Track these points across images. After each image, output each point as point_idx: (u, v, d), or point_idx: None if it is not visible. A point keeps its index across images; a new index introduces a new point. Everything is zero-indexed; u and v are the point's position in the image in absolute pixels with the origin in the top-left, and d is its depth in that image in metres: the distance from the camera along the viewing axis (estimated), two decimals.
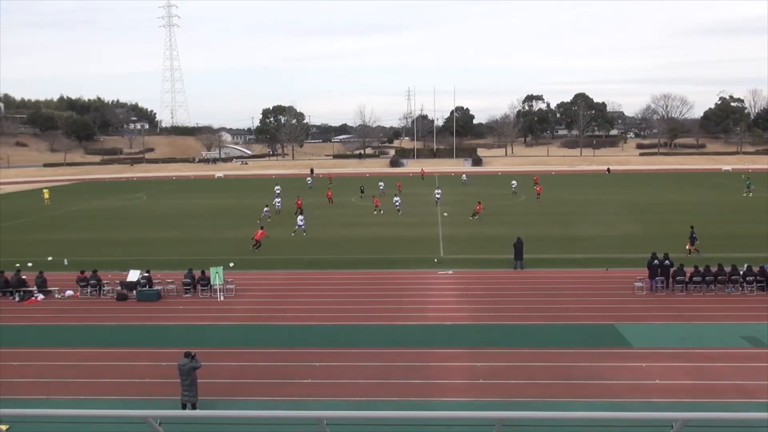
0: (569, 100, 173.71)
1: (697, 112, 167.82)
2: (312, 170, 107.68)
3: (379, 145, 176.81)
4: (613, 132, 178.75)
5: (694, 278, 26.56)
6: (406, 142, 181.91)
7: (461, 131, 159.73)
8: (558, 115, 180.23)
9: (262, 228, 40.64)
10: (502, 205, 58.72)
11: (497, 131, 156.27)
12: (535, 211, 54.55)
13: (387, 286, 28.78)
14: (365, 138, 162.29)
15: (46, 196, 71.42)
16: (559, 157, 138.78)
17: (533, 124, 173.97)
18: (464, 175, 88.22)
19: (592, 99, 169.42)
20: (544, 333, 21.85)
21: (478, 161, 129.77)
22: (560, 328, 22.38)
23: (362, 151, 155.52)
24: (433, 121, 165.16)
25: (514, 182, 71.32)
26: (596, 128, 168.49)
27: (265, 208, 52.04)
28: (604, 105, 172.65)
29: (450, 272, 31.25)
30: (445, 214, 52.94)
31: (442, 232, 43.39)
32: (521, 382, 17.66)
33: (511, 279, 29.96)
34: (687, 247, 34.00)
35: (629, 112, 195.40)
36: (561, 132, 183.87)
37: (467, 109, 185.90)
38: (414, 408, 15.53)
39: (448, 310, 24.84)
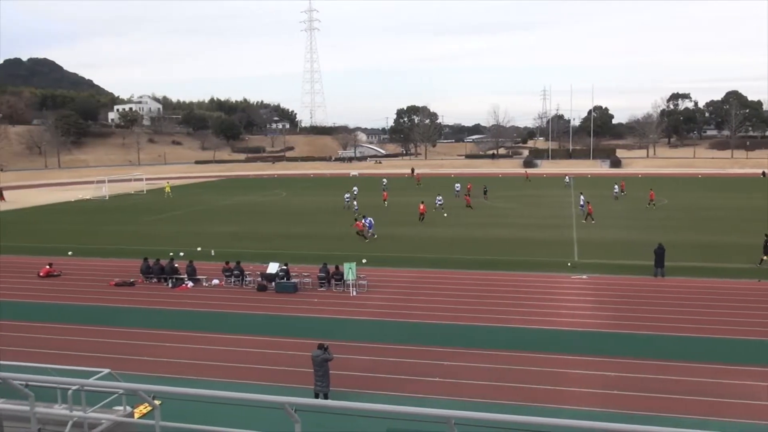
0: (720, 99, 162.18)
1: None
2: (413, 170, 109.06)
3: (513, 146, 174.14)
4: None
5: None
6: (540, 143, 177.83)
7: (599, 131, 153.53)
8: (707, 115, 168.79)
9: (356, 220, 43.64)
10: (637, 209, 55.89)
11: (638, 131, 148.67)
12: (677, 216, 51.48)
13: (518, 288, 28.33)
14: (498, 138, 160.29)
15: (168, 189, 78.09)
16: (707, 159, 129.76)
17: (679, 124, 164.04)
18: (567, 177, 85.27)
19: (746, 97, 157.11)
20: (685, 345, 20.60)
21: (616, 162, 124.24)
22: (704, 341, 21.00)
23: (495, 152, 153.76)
24: (569, 121, 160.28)
25: (616, 186, 66.84)
26: (750, 128, 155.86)
27: (352, 201, 56.10)
28: (759, 103, 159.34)
29: (584, 277, 30.23)
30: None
31: (577, 236, 42.04)
32: (659, 396, 16.78)
33: (651, 287, 28.47)
34: (762, 257, 31.29)
35: None
36: (710, 132, 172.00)
37: (606, 108, 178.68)
38: (543, 414, 15.19)
39: (581, 316, 24.06)
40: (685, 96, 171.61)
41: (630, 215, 52.15)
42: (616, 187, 66.74)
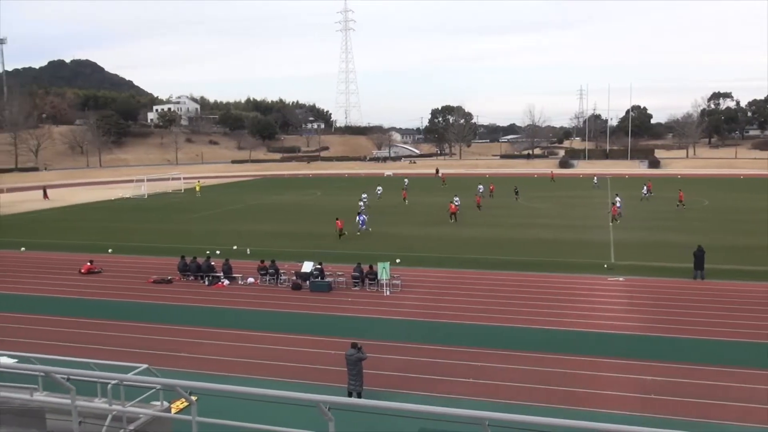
0: (763, 98, 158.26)
1: None
2: (437, 170, 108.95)
3: (548, 146, 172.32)
4: None
5: None
6: (576, 143, 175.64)
7: (637, 131, 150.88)
8: (749, 114, 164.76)
9: (337, 218, 44.36)
10: (671, 210, 54.78)
11: (678, 131, 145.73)
12: (717, 217, 50.36)
13: (553, 290, 28.03)
14: (534, 138, 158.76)
15: (198, 189, 79.55)
16: (750, 159, 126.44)
17: (720, 123, 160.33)
18: (595, 178, 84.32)
19: None
20: (725, 350, 20.16)
21: (655, 163, 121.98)
22: (744, 345, 20.51)
23: (530, 152, 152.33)
24: (606, 120, 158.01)
25: (644, 187, 65.91)
26: None
27: (376, 197, 54.92)
28: None
29: (621, 279, 29.79)
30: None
31: (614, 237, 41.42)
32: (697, 401, 16.44)
33: (690, 290, 27.90)
34: None
35: None
36: (752, 132, 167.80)
37: (644, 108, 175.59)
38: (578, 417, 15.03)
39: (618, 318, 23.71)
40: (727, 95, 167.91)
41: (665, 216, 51.22)
42: (644, 188, 66.02)
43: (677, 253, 34.24)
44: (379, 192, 70.55)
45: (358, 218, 45.52)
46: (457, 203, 54.96)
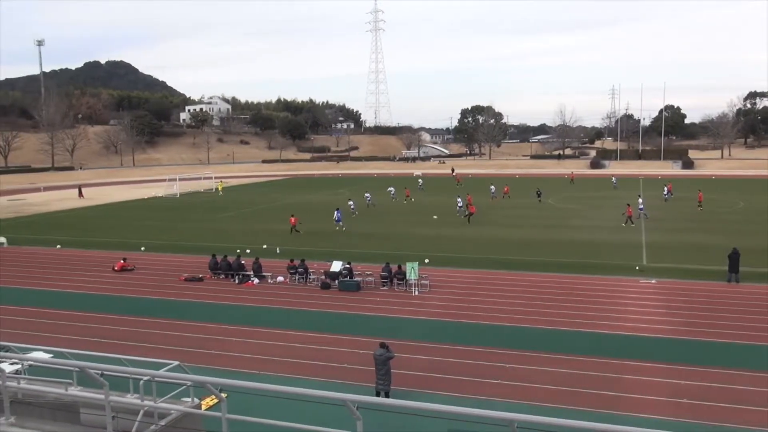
0: None
1: None
2: (453, 170, 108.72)
3: (580, 146, 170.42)
4: None
5: None
6: (608, 143, 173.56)
7: (670, 131, 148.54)
8: None
9: (293, 215, 46.06)
10: (701, 212, 53.76)
11: (713, 131, 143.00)
12: (752, 219, 49.27)
13: (583, 291, 27.72)
14: (565, 138, 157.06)
15: (220, 188, 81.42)
16: None
17: (756, 123, 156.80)
18: (614, 178, 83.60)
19: None
20: (761, 354, 19.71)
21: (688, 163, 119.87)
22: None
23: (561, 152, 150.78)
24: (639, 120, 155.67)
25: (665, 188, 65.01)
26: None
27: (395, 195, 54.81)
28: None
29: (653, 281, 29.33)
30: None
31: (646, 239, 40.81)
32: (731, 406, 16.11)
33: (724, 293, 27.37)
34: None
35: None
36: None
37: (678, 107, 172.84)
38: (609, 421, 14.83)
39: (649, 321, 23.36)
40: (763, 94, 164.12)
41: (698, 218, 50.28)
42: (665, 189, 65.11)
43: (711, 256, 33.63)
44: (391, 193, 70.17)
45: (335, 214, 47.74)
46: (459, 204, 54.79)
